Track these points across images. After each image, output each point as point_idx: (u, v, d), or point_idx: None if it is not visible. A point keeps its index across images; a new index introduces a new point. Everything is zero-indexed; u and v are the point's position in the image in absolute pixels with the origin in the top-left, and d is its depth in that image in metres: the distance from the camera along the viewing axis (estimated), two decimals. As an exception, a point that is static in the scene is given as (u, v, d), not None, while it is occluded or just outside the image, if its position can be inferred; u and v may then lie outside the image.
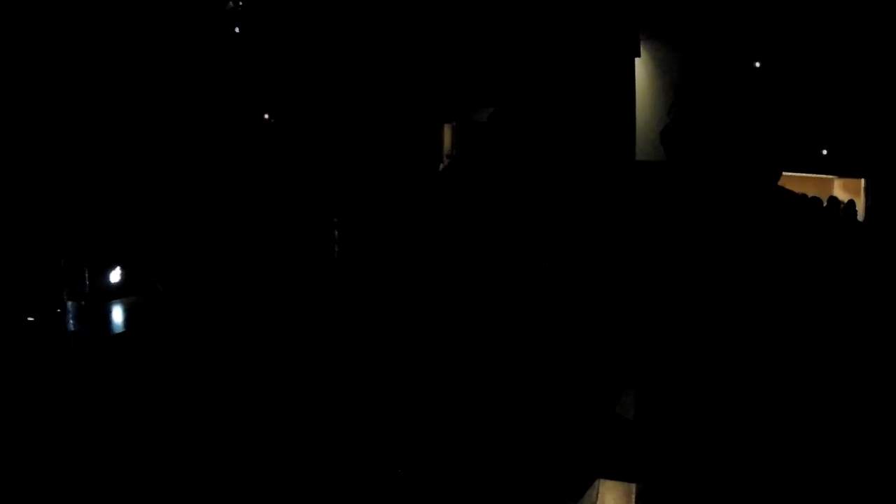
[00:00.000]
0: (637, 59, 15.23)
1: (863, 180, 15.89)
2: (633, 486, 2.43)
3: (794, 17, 14.32)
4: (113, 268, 5.91)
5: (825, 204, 13.46)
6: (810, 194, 11.79)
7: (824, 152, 14.21)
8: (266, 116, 10.28)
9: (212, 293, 7.19)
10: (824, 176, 15.41)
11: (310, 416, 5.62)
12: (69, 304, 5.23)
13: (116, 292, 6.06)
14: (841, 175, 16.00)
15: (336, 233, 9.38)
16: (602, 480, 2.45)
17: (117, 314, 5.89)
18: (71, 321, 5.24)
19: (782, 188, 2.43)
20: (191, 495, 4.73)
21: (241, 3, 9.83)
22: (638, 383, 2.29)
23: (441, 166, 16.36)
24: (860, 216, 14.43)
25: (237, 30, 9.85)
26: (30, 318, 5.49)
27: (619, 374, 2.27)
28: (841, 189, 16.02)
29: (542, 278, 2.33)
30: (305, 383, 6.01)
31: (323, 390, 5.94)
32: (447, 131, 16.95)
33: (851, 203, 14.56)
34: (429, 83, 13.95)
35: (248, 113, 9.78)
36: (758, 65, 15.63)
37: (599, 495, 2.44)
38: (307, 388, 5.95)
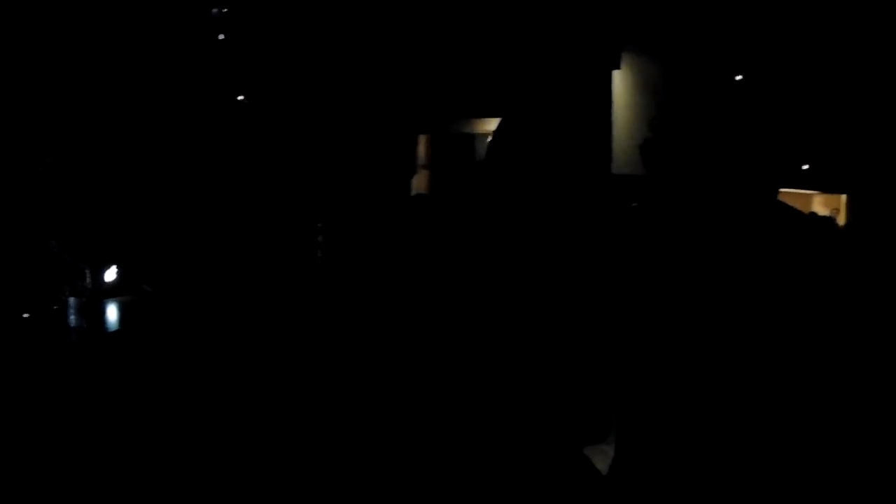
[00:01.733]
0: (615, 71, 15.47)
1: (844, 196, 16.22)
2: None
3: (777, 28, 14.63)
4: (108, 266, 6.07)
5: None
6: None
7: (805, 167, 14.54)
8: (241, 98, 10.42)
9: (199, 295, 7.35)
10: (805, 191, 15.68)
11: (292, 420, 5.77)
12: (71, 299, 5.37)
13: (112, 291, 6.23)
14: (822, 191, 16.30)
15: (320, 238, 9.55)
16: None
17: (115, 312, 6.05)
18: (73, 317, 5.39)
19: (782, 203, 2.59)
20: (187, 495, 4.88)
21: (225, 10, 10.01)
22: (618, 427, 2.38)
23: (415, 176, 16.58)
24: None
25: (221, 36, 10.03)
26: (25, 315, 5.61)
27: (597, 416, 2.35)
28: (821, 205, 16.31)
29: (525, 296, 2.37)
30: (289, 386, 6.16)
31: (306, 394, 6.10)
32: (422, 142, 17.15)
33: (830, 219, 14.87)
34: (406, 94, 14.14)
35: (234, 118, 9.94)
36: (739, 77, 15.99)
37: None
38: (290, 391, 6.10)
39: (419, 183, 16.72)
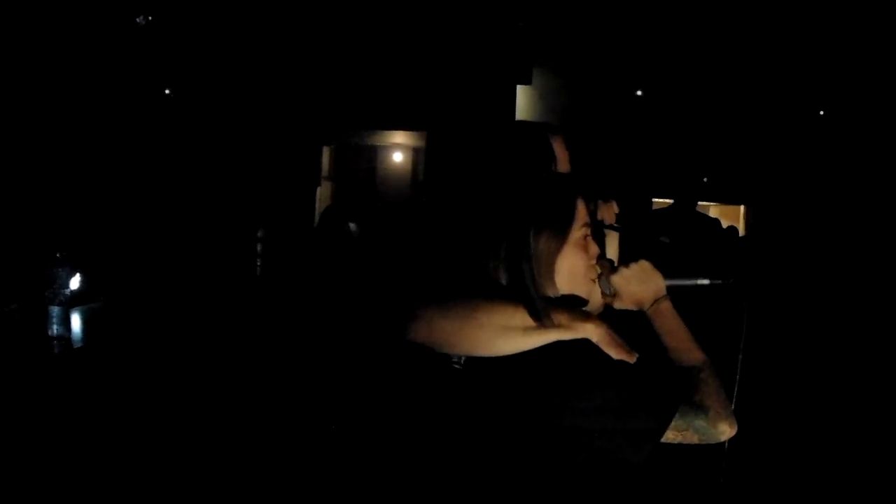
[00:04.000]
0: (520, 87, 15.71)
1: (742, 207, 16.87)
2: None
3: (676, 45, 15.14)
4: (74, 273, 6.00)
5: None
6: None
7: (705, 179, 15.06)
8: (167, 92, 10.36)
9: (146, 304, 7.32)
10: (703, 203, 16.21)
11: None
12: (52, 307, 5.31)
13: (80, 298, 6.16)
14: (721, 202, 16.91)
15: (259, 247, 9.54)
16: None
17: (85, 320, 6.01)
18: (55, 326, 5.33)
19: (699, 213, 2.79)
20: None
21: (150, 18, 9.95)
22: None
23: (318, 189, 16.60)
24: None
25: (146, 45, 9.98)
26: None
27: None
28: (718, 216, 16.88)
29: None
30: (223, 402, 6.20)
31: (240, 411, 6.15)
32: (326, 153, 17.18)
33: (732, 228, 15.39)
34: (309, 105, 14.19)
35: (160, 126, 9.88)
36: (640, 93, 16.53)
37: None
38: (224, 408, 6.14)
39: (323, 194, 16.76)
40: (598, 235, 2.76)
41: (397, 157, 17.15)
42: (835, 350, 8.76)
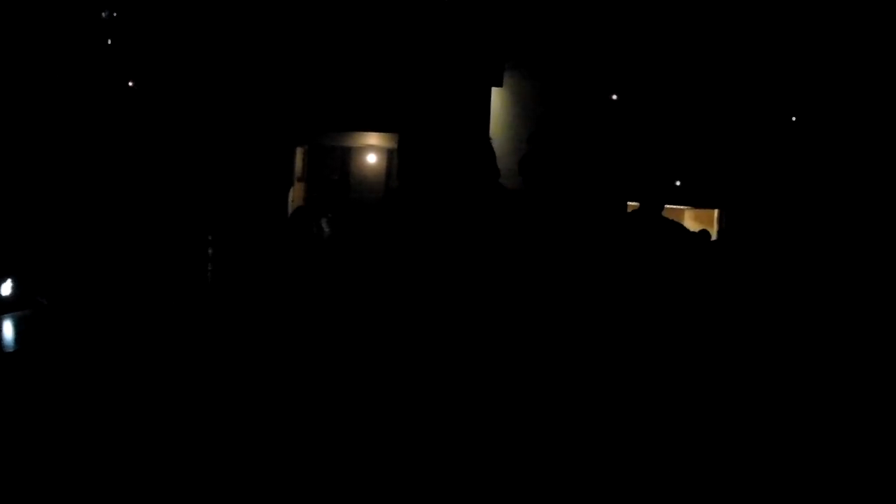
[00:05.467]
0: (495, 89, 15.58)
1: (716, 211, 16.73)
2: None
3: (649, 51, 15.05)
4: (4, 279, 5.73)
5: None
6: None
7: (678, 183, 14.93)
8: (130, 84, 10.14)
9: (91, 308, 7.08)
10: (676, 207, 16.07)
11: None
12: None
13: (10, 305, 5.89)
14: (694, 206, 16.77)
15: (210, 251, 9.33)
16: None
17: (14, 327, 5.74)
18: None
19: (667, 219, 2.64)
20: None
21: (115, 14, 9.72)
22: None
23: (291, 189, 16.44)
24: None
25: (109, 41, 9.74)
26: None
27: None
28: (692, 220, 16.76)
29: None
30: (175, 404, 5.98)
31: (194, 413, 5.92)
32: (299, 154, 17.01)
33: (704, 232, 15.22)
34: (283, 106, 14.05)
35: (120, 124, 9.65)
36: (615, 97, 16.38)
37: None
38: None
39: (296, 195, 16.58)
40: None
41: (371, 159, 16.95)
42: (810, 355, 8.59)
